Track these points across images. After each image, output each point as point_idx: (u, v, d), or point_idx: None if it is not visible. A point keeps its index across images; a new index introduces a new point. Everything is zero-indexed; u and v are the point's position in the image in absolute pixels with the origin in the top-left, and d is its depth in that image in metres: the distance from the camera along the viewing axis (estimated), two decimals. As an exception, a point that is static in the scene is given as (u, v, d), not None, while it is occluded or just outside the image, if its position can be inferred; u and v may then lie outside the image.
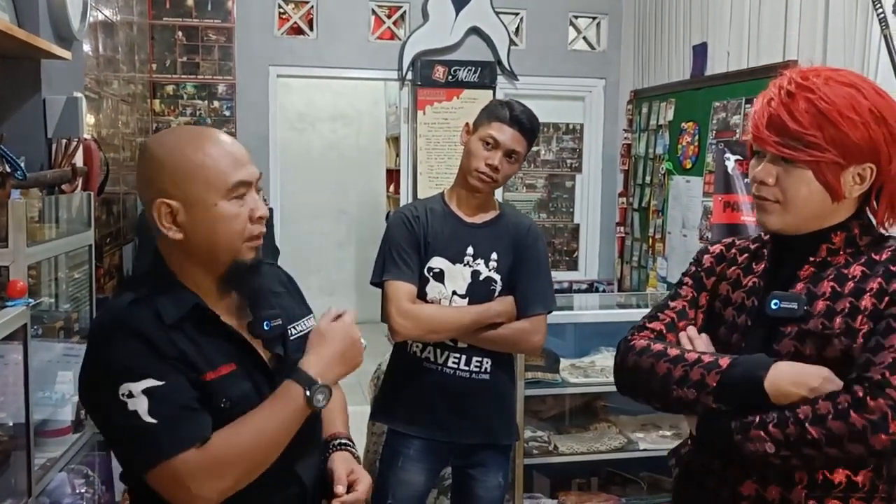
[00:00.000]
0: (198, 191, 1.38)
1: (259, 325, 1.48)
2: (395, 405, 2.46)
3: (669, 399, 1.43)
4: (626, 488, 3.47)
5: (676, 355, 1.44)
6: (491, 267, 2.38)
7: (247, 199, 1.42)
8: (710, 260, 1.59)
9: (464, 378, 2.38)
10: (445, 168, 5.29)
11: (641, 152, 5.18)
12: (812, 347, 1.36)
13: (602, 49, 5.63)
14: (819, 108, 1.33)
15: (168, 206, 1.38)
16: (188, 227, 1.39)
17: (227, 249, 1.42)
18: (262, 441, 1.38)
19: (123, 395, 1.31)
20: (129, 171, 4.06)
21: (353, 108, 8.05)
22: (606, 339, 3.57)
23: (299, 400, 1.40)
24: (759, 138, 1.39)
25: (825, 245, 1.42)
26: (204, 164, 1.38)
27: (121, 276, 3.74)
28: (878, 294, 1.33)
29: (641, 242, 5.19)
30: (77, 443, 2.30)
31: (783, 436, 1.30)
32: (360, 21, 5.26)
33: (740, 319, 1.48)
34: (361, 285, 7.63)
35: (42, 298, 2.25)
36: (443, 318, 2.33)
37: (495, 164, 2.31)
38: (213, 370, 1.39)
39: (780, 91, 1.37)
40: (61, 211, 2.41)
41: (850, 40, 3.34)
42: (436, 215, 2.40)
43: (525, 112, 2.35)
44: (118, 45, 3.85)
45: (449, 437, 2.40)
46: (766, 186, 1.39)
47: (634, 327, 1.57)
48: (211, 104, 5.03)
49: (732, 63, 4.22)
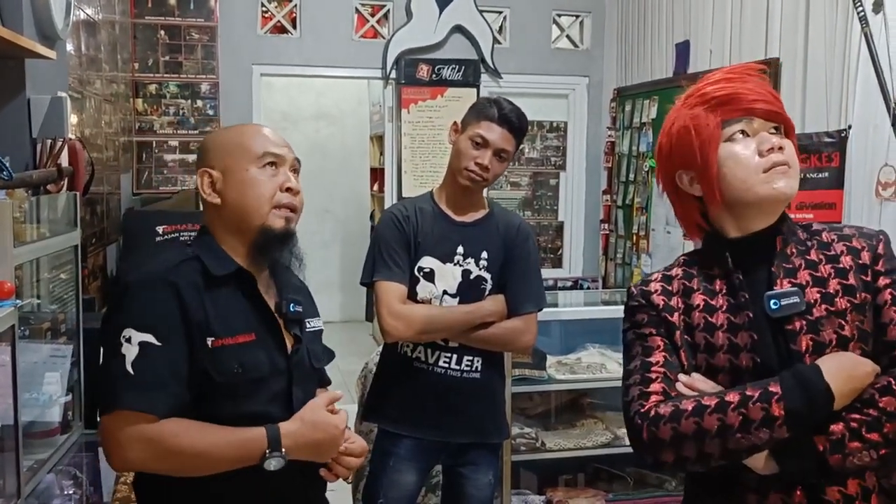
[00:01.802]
0: (232, 159, 1.57)
1: (286, 305, 1.62)
2: (385, 405, 2.45)
3: (736, 451, 1.29)
4: (613, 484, 3.49)
5: (718, 403, 1.30)
6: (481, 266, 2.37)
7: (279, 173, 1.58)
8: (661, 298, 1.46)
9: (455, 377, 2.37)
10: (430, 167, 5.30)
11: (625, 150, 5.21)
12: (831, 332, 1.35)
13: (585, 47, 5.65)
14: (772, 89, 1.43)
15: (209, 175, 1.58)
16: (224, 192, 1.57)
17: (256, 213, 1.56)
18: (200, 454, 1.44)
19: (124, 337, 1.43)
20: (112, 170, 4.04)
21: (336, 108, 8.04)
22: (592, 336, 3.60)
23: (256, 451, 1.45)
24: (769, 111, 1.41)
25: (779, 237, 1.43)
26: (240, 139, 1.60)
27: (105, 277, 3.72)
28: (859, 270, 1.37)
29: (625, 239, 5.22)
30: (65, 444, 2.28)
31: (882, 437, 1.26)
32: (343, 20, 5.25)
33: (739, 338, 1.39)
34: (346, 285, 7.64)
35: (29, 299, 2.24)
36: (434, 318, 2.31)
37: (485, 163, 2.30)
38: (231, 337, 1.50)
39: (746, 73, 1.44)
40: (47, 211, 2.39)
41: (831, 38, 3.38)
42: (425, 215, 2.39)
43: (514, 110, 2.35)
44: (100, 44, 3.83)
45: (440, 437, 2.39)
46: (782, 152, 1.39)
47: (633, 398, 1.39)
48: (194, 103, 5.00)
49: (715, 61, 4.25)
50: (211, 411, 1.47)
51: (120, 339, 1.43)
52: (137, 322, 1.44)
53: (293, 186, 1.58)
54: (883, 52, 3.06)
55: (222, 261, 1.55)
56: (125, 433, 1.40)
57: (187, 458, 1.43)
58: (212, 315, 1.49)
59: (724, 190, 1.41)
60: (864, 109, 3.16)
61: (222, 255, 1.56)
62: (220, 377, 1.47)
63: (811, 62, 3.51)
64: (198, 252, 1.56)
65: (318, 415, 1.51)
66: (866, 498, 1.33)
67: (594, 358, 3.49)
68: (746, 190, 1.39)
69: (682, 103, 1.48)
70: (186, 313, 1.46)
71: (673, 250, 4.48)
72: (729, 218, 1.45)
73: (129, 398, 1.40)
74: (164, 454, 1.42)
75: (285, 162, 1.60)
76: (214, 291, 1.52)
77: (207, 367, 1.46)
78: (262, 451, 1.44)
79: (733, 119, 1.40)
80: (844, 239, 1.43)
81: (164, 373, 1.42)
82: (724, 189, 1.41)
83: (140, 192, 4.83)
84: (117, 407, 1.40)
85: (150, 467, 1.46)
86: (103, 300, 3.50)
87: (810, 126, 3.48)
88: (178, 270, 1.51)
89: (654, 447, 1.34)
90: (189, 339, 1.46)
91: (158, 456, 1.42)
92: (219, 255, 1.56)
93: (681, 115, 1.46)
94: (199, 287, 1.50)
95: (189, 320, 1.46)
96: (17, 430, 1.89)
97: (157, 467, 1.45)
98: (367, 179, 7.88)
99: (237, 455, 1.45)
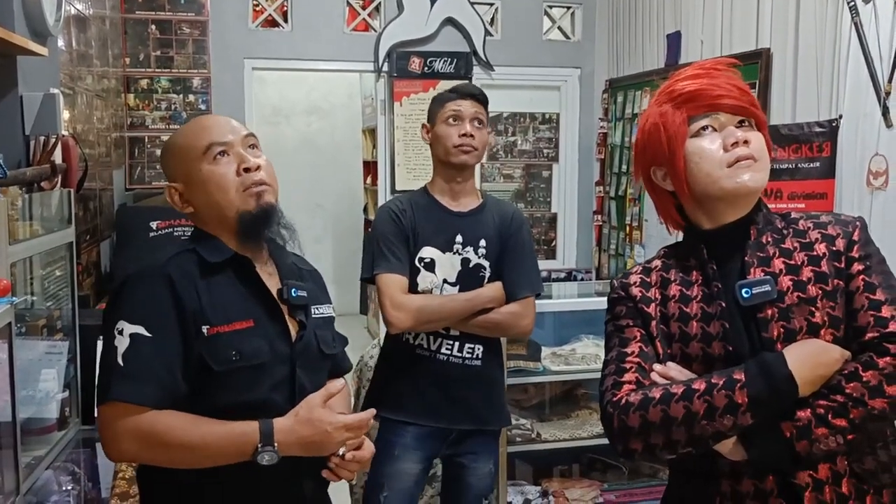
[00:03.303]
0: (184, 165, 1.57)
1: (288, 291, 1.61)
2: (388, 394, 2.46)
3: (702, 438, 1.33)
4: (607, 474, 3.52)
5: (684, 391, 1.34)
6: (480, 254, 2.41)
7: (232, 157, 1.55)
8: (639, 290, 1.51)
9: (457, 364, 2.40)
10: (423, 159, 5.30)
11: (617, 141, 5.22)
12: (801, 319, 1.37)
13: (577, 39, 5.65)
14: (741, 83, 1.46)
15: (174, 189, 1.59)
16: (193, 199, 1.58)
17: (227, 205, 1.55)
18: (191, 447, 1.44)
19: (117, 329, 1.45)
20: (104, 166, 4.03)
21: (327, 101, 8.03)
22: (586, 327, 3.61)
23: (248, 446, 1.45)
24: (735, 106, 1.43)
25: (753, 227, 1.45)
26: (183, 141, 1.59)
27: (99, 273, 3.72)
28: (833, 257, 1.40)
29: (618, 230, 5.23)
30: (62, 440, 2.29)
31: (848, 422, 1.28)
32: (334, 13, 5.24)
33: (712, 327, 1.42)
34: (339, 279, 7.64)
35: (24, 297, 2.24)
36: (436, 307, 2.35)
37: (468, 131, 2.39)
38: (228, 324, 1.50)
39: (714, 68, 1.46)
40: (41, 209, 2.39)
41: (822, 28, 3.39)
42: (422, 207, 2.43)
43: (468, 84, 2.56)
44: (91, 39, 3.81)
45: (443, 423, 2.42)
46: (747, 146, 1.41)
47: (607, 388, 1.44)
48: (186, 98, 4.99)
49: (706, 51, 4.26)
50: (212, 400, 1.47)
51: (114, 332, 1.45)
52: (129, 314, 1.46)
53: (249, 165, 1.56)
54: (873, 42, 3.07)
55: (218, 249, 1.56)
56: (118, 424, 1.42)
57: (179, 451, 1.44)
58: (207, 303, 1.49)
59: (692, 184, 1.44)
60: (855, 99, 3.17)
61: (217, 244, 1.57)
62: (217, 365, 1.47)
63: (802, 52, 3.52)
64: (193, 244, 1.58)
65: (314, 412, 1.50)
66: (837, 482, 1.35)
67: (588, 349, 3.51)
68: (712, 184, 1.42)
69: (654, 100, 1.51)
70: (180, 303, 1.47)
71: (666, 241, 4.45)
72: (700, 211, 1.48)
73: (119, 390, 1.42)
74: (156, 446, 1.43)
75: (234, 144, 1.57)
76: (211, 279, 1.53)
77: (204, 355, 1.47)
78: (255, 445, 1.44)
79: (699, 115, 1.44)
80: (820, 227, 1.45)
81: (154, 363, 1.44)
82: (691, 183, 1.44)
83: (133, 188, 4.82)
84: (108, 398, 1.43)
85: (144, 458, 1.49)
86: (98, 296, 3.50)
87: (801, 116, 3.50)
88: (172, 262, 1.52)
89: (623, 435, 1.38)
90: (183, 328, 1.46)
91: (150, 448, 1.44)
92: (214, 243, 1.57)
93: (652, 112, 1.49)
94: (194, 276, 1.51)
95: (183, 310, 1.47)
96: (15, 426, 1.89)
97: (150, 458, 1.48)
98: (360, 173, 7.87)
99: (229, 449, 1.45)
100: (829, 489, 1.34)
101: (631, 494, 3.31)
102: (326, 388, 1.55)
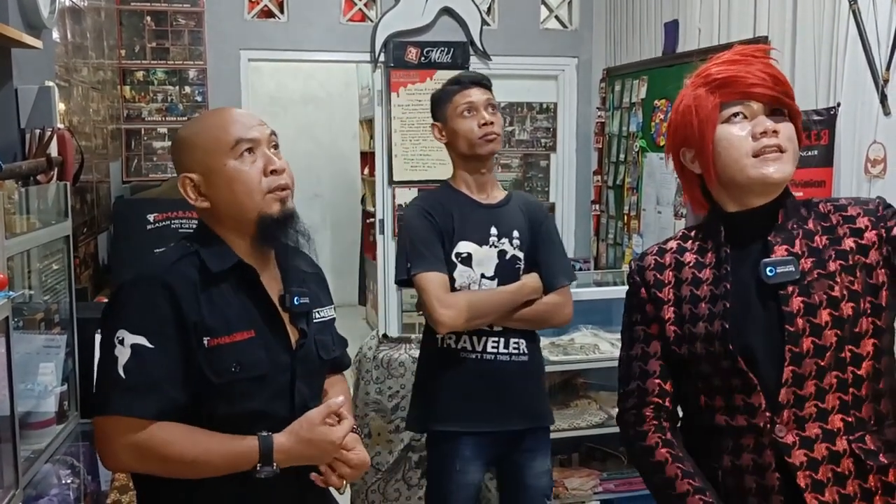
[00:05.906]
0: (208, 157, 1.50)
1: (290, 299, 1.57)
2: (437, 408, 2.35)
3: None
4: (607, 463, 3.52)
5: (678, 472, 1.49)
6: (515, 245, 2.36)
7: (258, 156, 1.51)
8: (653, 273, 1.57)
9: (504, 361, 2.33)
10: (421, 150, 5.30)
11: (615, 130, 5.21)
12: (821, 294, 1.40)
13: (574, 27, 5.63)
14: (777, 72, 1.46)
15: (190, 180, 1.52)
16: (211, 194, 1.51)
17: (249, 206, 1.50)
18: (190, 462, 1.42)
19: (117, 339, 1.41)
20: (101, 159, 4.02)
21: (324, 92, 8.01)
22: (585, 317, 3.60)
23: (247, 464, 1.44)
24: (767, 95, 1.43)
25: (781, 210, 1.47)
26: (206, 134, 1.52)
27: (97, 266, 3.71)
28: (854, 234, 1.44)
29: (617, 220, 5.23)
30: (61, 434, 2.29)
31: None
32: (330, 3, 5.22)
33: (717, 307, 1.46)
34: (338, 269, 7.64)
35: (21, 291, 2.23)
36: (485, 301, 2.27)
37: (486, 119, 2.34)
38: (228, 336, 1.46)
39: (752, 55, 1.46)
40: (37, 202, 2.38)
41: (820, 15, 3.37)
42: (452, 202, 2.37)
43: (469, 72, 2.51)
44: (86, 31, 3.80)
45: (498, 427, 2.33)
46: (776, 136, 1.42)
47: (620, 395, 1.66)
48: (182, 90, 4.97)
49: (704, 40, 4.24)
50: (211, 410, 1.46)
51: (113, 341, 1.41)
52: (130, 324, 1.42)
53: (277, 167, 1.52)
54: (871, 30, 3.06)
55: (222, 255, 1.51)
56: (117, 438, 1.40)
57: (178, 465, 1.43)
58: (208, 314, 1.45)
59: (719, 169, 1.46)
60: (853, 87, 3.17)
61: (222, 250, 1.52)
62: (217, 378, 1.44)
63: (800, 40, 3.51)
64: (196, 247, 1.52)
65: (315, 432, 1.47)
66: (835, 461, 1.37)
67: (587, 339, 3.51)
68: (738, 171, 1.44)
69: (691, 81, 1.52)
70: (181, 314, 1.43)
71: (664, 230, 4.49)
72: (725, 194, 1.50)
73: (119, 404, 1.40)
74: (155, 460, 1.42)
75: (261, 143, 1.53)
76: (212, 288, 1.48)
77: (204, 367, 1.44)
78: (254, 463, 1.44)
79: (731, 101, 1.45)
80: (840, 209, 1.48)
81: (156, 376, 1.41)
82: (718, 168, 1.46)
83: (129, 180, 4.80)
84: (108, 412, 1.40)
85: (142, 470, 1.47)
86: (96, 289, 3.50)
87: (799, 104, 3.42)
88: (174, 269, 1.47)
89: (630, 451, 1.63)
90: (184, 340, 1.43)
91: (149, 461, 1.42)
92: (218, 249, 1.52)
93: (686, 94, 1.51)
94: (195, 285, 1.46)
95: (184, 321, 1.43)
96: (14, 420, 1.89)
97: (149, 470, 1.46)
98: (357, 163, 7.85)
99: (228, 464, 1.44)
100: (825, 468, 1.37)
101: (630, 483, 3.31)
102: (327, 406, 1.51)
